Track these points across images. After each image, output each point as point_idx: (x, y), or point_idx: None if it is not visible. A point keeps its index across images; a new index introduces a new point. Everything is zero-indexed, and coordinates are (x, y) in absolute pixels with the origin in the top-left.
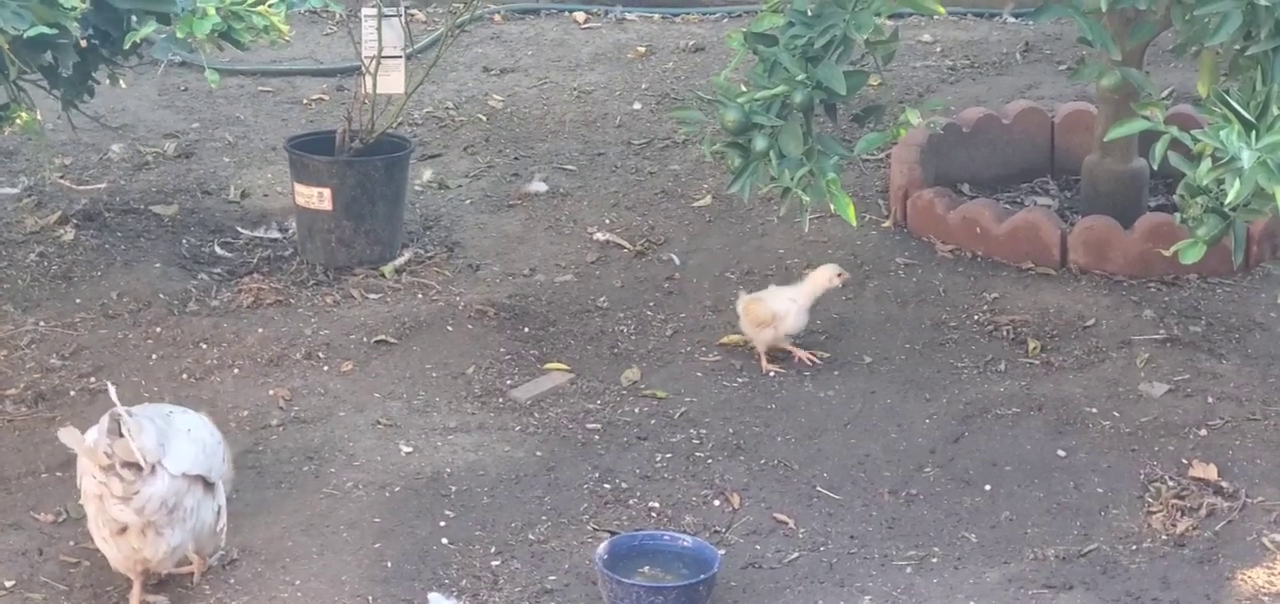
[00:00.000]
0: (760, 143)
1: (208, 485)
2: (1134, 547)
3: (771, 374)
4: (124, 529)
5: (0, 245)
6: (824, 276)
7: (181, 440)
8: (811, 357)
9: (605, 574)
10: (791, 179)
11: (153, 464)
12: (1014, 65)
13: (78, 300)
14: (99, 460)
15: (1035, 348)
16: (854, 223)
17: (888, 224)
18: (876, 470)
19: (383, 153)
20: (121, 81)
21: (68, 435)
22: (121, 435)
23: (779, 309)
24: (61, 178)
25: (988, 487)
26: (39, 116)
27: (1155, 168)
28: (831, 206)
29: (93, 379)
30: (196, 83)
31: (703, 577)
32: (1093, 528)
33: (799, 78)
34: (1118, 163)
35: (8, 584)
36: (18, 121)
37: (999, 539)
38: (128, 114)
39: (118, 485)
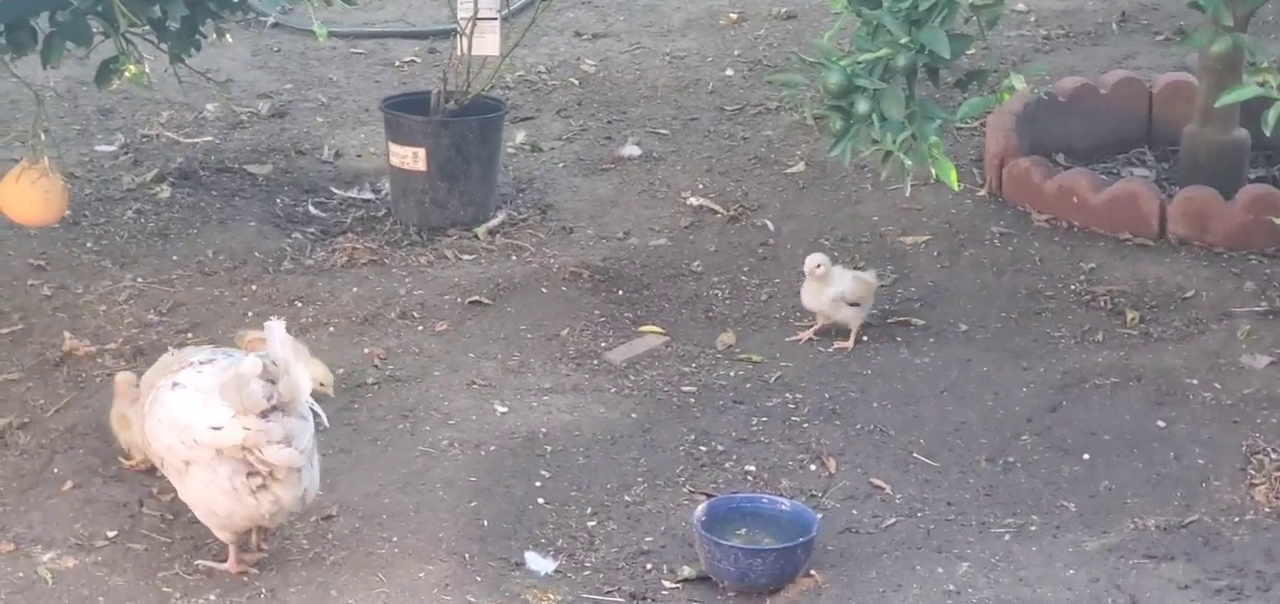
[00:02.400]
0: (862, 106)
1: None
2: (1236, 519)
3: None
4: (267, 478)
5: (98, 202)
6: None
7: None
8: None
9: (703, 536)
10: (893, 143)
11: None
12: (1110, 35)
13: (174, 257)
14: (256, 406)
15: (1134, 319)
16: (956, 187)
17: (983, 192)
18: (973, 438)
19: (478, 114)
20: (227, 36)
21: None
22: (273, 381)
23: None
24: (165, 128)
25: (1086, 456)
26: (147, 69)
27: (1268, 133)
28: (933, 171)
29: (190, 335)
30: (289, 44)
31: (802, 540)
32: (1194, 499)
33: (902, 41)
34: (1219, 133)
35: (109, 534)
36: (126, 74)
37: (1098, 509)
38: (221, 74)
39: (278, 430)
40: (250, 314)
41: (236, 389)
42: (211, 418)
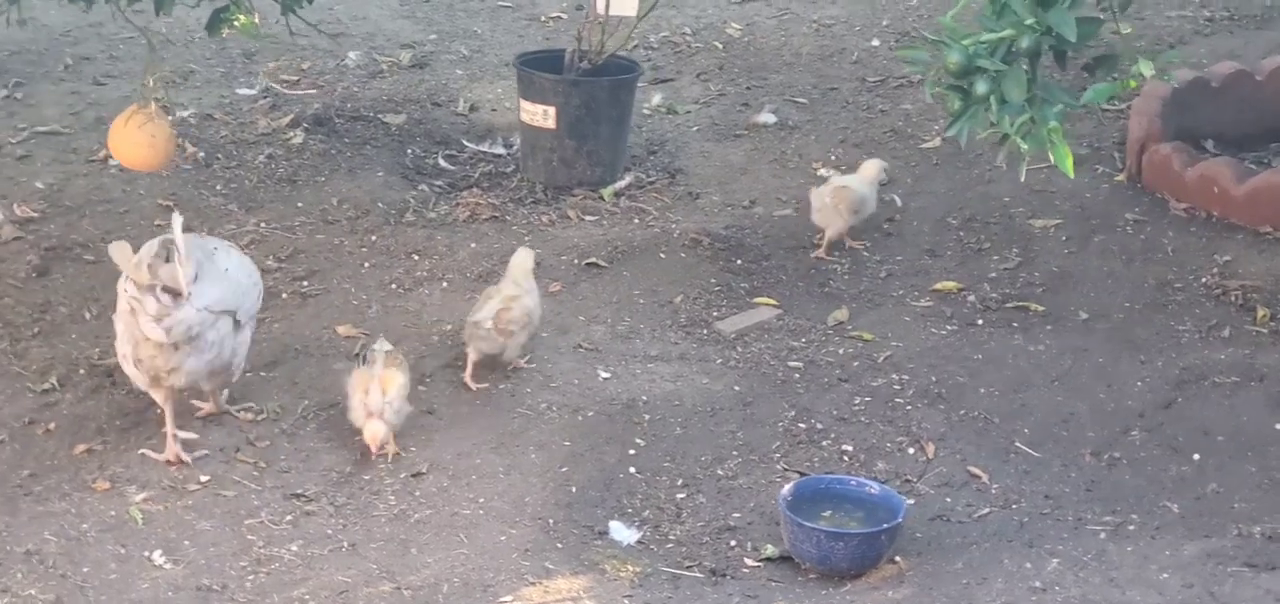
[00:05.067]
0: (981, 86)
1: (237, 324)
2: None
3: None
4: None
5: (232, 145)
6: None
7: (216, 278)
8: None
9: (787, 516)
10: (1011, 125)
11: (188, 294)
12: (1277, 20)
13: (299, 204)
14: (141, 279)
15: (1264, 316)
16: (1071, 174)
17: (1121, 177)
18: (1080, 430)
19: (610, 74)
20: None
21: (118, 250)
22: (169, 261)
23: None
24: (306, 75)
25: (1197, 456)
26: (257, 19)
27: None
28: (1051, 156)
29: (306, 283)
30: None
31: (886, 526)
32: None
33: (1027, 22)
34: None
35: (203, 478)
36: (237, 23)
37: (1202, 512)
38: (368, 22)
39: (152, 306)
40: (366, 266)
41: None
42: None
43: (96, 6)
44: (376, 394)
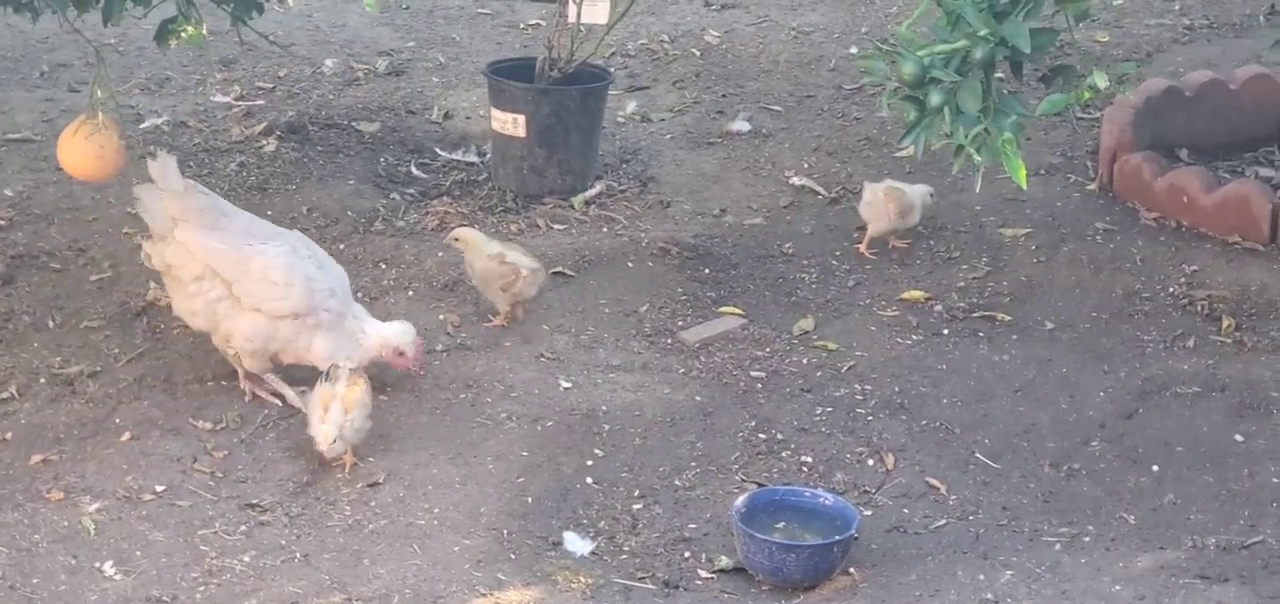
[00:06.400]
0: (936, 98)
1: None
2: None
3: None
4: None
5: (205, 153)
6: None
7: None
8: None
9: (740, 528)
10: (965, 137)
11: None
12: (1255, 28)
13: (269, 213)
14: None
15: (1228, 326)
16: (1024, 186)
17: (1093, 187)
18: (1040, 441)
19: (581, 83)
20: (289, 1)
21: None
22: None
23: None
24: (282, 82)
25: (1156, 467)
26: (205, 31)
27: None
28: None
29: None
30: (418, 0)
31: (838, 538)
32: (1261, 519)
33: (982, 33)
34: None
35: (158, 488)
36: (184, 35)
37: (1159, 523)
38: (347, 30)
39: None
40: None
41: None
42: None
43: (74, 14)
44: (338, 411)
